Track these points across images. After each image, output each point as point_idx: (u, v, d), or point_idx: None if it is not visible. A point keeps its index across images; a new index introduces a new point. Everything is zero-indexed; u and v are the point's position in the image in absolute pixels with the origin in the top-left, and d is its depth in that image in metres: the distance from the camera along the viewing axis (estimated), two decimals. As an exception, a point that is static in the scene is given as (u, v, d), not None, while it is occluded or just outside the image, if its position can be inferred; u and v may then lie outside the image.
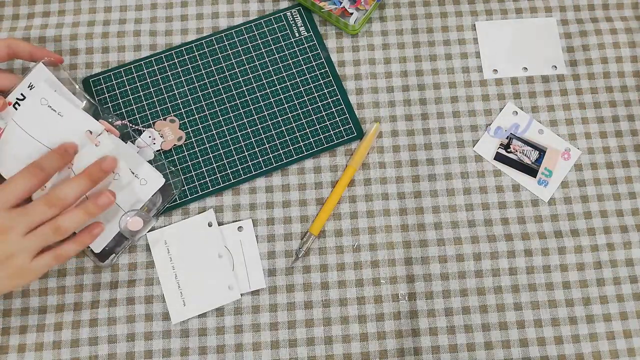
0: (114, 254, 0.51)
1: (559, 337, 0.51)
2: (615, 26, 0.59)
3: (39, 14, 0.59)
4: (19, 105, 0.51)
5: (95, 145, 0.50)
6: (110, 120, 0.53)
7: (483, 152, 0.55)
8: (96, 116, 0.51)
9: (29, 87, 0.51)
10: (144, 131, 0.54)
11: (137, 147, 0.53)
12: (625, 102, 0.57)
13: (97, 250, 0.50)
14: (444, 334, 0.51)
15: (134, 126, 0.54)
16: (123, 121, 0.54)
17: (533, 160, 0.55)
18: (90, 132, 0.50)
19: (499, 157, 0.55)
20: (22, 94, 0.51)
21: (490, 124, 0.56)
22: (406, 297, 0.52)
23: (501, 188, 0.54)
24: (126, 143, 0.53)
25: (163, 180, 0.52)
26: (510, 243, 0.53)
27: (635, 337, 0.51)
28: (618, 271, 0.52)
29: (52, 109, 0.50)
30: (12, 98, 0.51)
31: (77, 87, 0.53)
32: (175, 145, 0.54)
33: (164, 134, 0.54)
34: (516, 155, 0.55)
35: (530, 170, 0.55)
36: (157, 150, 0.54)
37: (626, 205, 0.54)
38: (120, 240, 0.51)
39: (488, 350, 0.50)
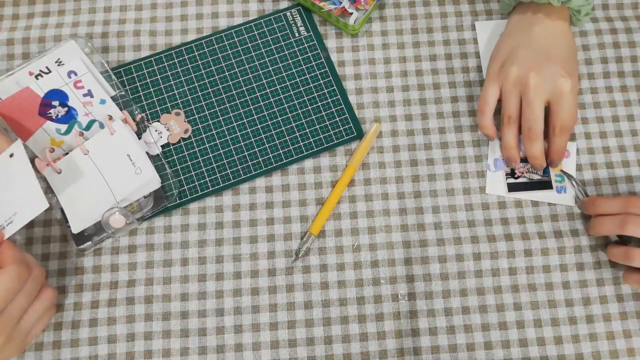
0: (90, 242, 0.51)
1: (559, 337, 0.51)
2: (615, 26, 0.59)
3: (38, 14, 0.59)
4: (42, 77, 0.52)
5: (111, 133, 0.51)
6: (135, 112, 0.54)
7: (495, 191, 0.54)
8: (121, 105, 0.53)
9: (56, 62, 0.52)
10: (150, 125, 0.54)
11: (145, 142, 0.54)
12: (625, 102, 0.57)
13: (75, 230, 0.51)
14: (443, 333, 0.51)
15: (148, 122, 0.54)
16: (141, 114, 0.54)
17: (542, 174, 0.54)
18: (110, 117, 0.51)
19: (512, 188, 0.54)
20: (47, 67, 0.52)
21: (487, 162, 0.55)
22: (406, 297, 0.52)
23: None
24: (140, 139, 0.53)
25: (159, 183, 0.52)
26: (510, 243, 0.53)
27: (635, 337, 0.51)
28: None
29: (79, 88, 0.52)
30: (34, 69, 0.53)
31: (110, 72, 0.55)
32: (182, 138, 0.54)
33: (170, 127, 0.55)
34: (525, 176, 0.54)
35: (545, 184, 0.54)
36: (165, 144, 0.54)
37: (626, 205, 0.54)
38: (101, 230, 0.51)
39: (488, 350, 0.50)
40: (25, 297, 0.44)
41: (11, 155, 0.47)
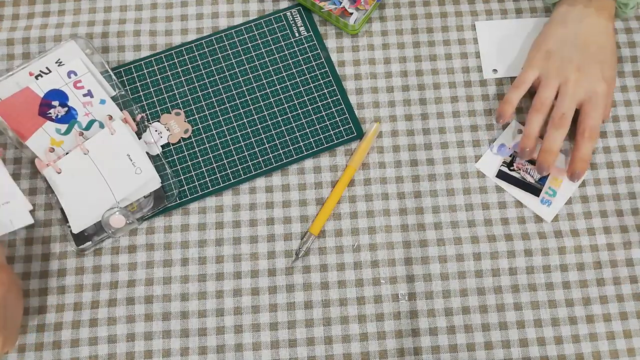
0: (90, 242, 0.51)
1: (559, 337, 0.51)
2: (615, 26, 0.59)
3: (38, 14, 0.59)
4: (41, 77, 0.53)
5: (111, 133, 0.51)
6: (135, 112, 0.54)
7: (485, 169, 0.55)
8: (122, 105, 0.54)
9: (56, 62, 0.52)
10: (150, 125, 0.54)
11: (145, 142, 0.54)
12: (625, 102, 0.57)
13: (75, 230, 0.51)
14: (443, 334, 0.51)
15: (149, 122, 0.54)
16: (142, 114, 0.54)
17: (536, 180, 0.54)
18: (111, 117, 0.51)
19: (501, 175, 0.54)
20: (47, 68, 0.53)
21: (493, 141, 0.55)
22: (406, 297, 0.52)
23: (501, 188, 0.54)
24: (140, 139, 0.53)
25: (159, 183, 0.52)
26: (510, 243, 0.53)
27: (635, 337, 0.51)
28: (618, 271, 0.52)
29: (79, 88, 0.53)
30: (34, 70, 0.53)
31: (110, 72, 0.55)
32: (182, 137, 0.54)
33: (170, 127, 0.55)
34: (519, 173, 0.54)
35: (533, 189, 0.54)
36: (165, 144, 0.54)
37: (626, 205, 0.54)
38: (101, 230, 0.51)
39: (488, 350, 0.50)
40: None
41: None
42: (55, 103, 0.53)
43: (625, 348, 0.51)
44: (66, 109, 0.53)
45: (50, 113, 0.53)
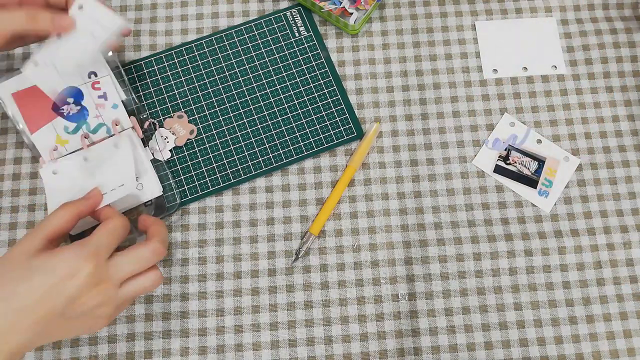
0: None
1: (559, 337, 0.51)
2: (615, 26, 0.59)
3: (38, 14, 0.59)
4: None
5: (114, 145, 0.52)
6: (143, 117, 0.54)
7: (482, 165, 0.55)
8: (133, 110, 0.54)
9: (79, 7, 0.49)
10: (155, 131, 0.54)
11: (151, 149, 0.54)
12: (625, 102, 0.57)
13: (74, 232, 0.51)
14: (444, 334, 0.51)
15: (155, 128, 0.54)
16: (150, 120, 0.54)
17: (532, 171, 0.55)
18: (117, 123, 0.51)
19: (498, 170, 0.55)
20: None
21: (487, 137, 0.56)
22: (406, 297, 0.52)
23: (501, 188, 0.54)
24: (145, 147, 0.53)
25: (161, 191, 0.52)
26: (510, 243, 0.53)
27: (635, 337, 0.51)
28: (618, 271, 0.52)
29: (96, 89, 0.53)
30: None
31: (124, 75, 0.54)
32: (188, 139, 0.54)
33: (175, 130, 0.55)
34: (515, 166, 0.55)
35: (531, 182, 0.54)
36: (172, 149, 0.54)
37: (626, 205, 0.54)
38: None
39: (488, 350, 0.50)
40: (136, 262, 0.43)
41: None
42: (70, 100, 0.53)
43: (625, 348, 0.51)
44: (79, 107, 0.53)
45: (62, 109, 0.53)
